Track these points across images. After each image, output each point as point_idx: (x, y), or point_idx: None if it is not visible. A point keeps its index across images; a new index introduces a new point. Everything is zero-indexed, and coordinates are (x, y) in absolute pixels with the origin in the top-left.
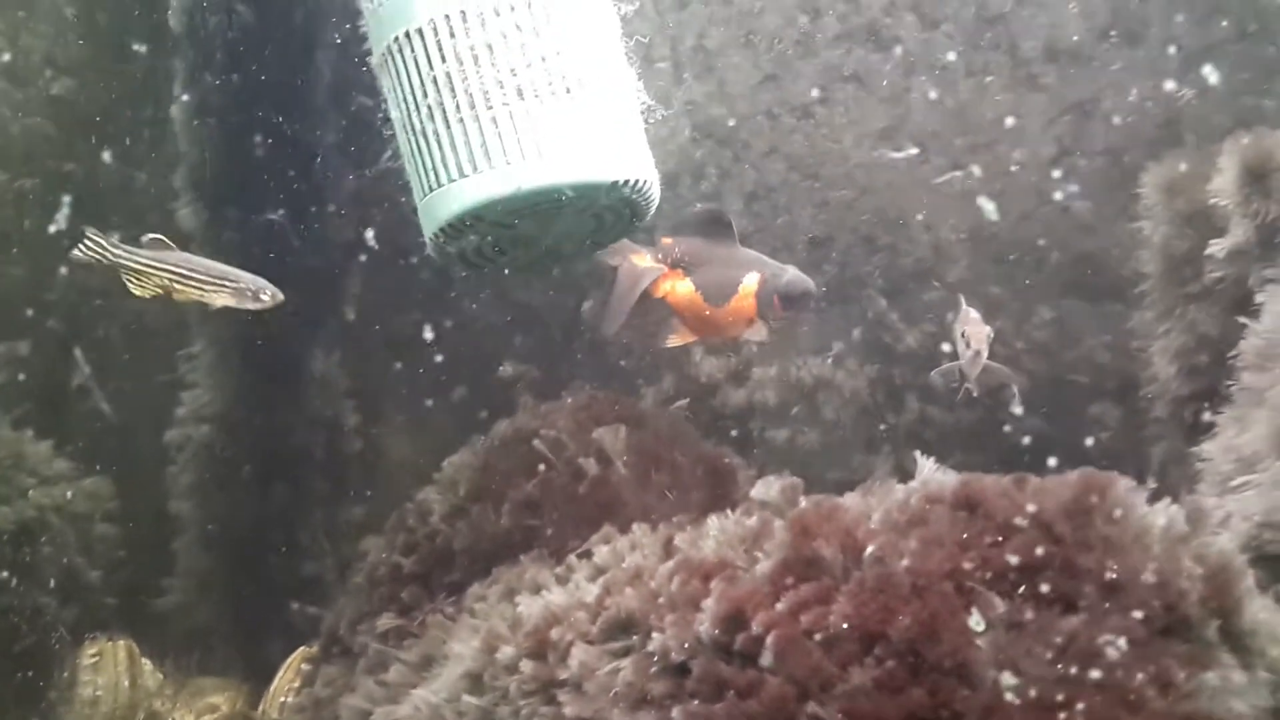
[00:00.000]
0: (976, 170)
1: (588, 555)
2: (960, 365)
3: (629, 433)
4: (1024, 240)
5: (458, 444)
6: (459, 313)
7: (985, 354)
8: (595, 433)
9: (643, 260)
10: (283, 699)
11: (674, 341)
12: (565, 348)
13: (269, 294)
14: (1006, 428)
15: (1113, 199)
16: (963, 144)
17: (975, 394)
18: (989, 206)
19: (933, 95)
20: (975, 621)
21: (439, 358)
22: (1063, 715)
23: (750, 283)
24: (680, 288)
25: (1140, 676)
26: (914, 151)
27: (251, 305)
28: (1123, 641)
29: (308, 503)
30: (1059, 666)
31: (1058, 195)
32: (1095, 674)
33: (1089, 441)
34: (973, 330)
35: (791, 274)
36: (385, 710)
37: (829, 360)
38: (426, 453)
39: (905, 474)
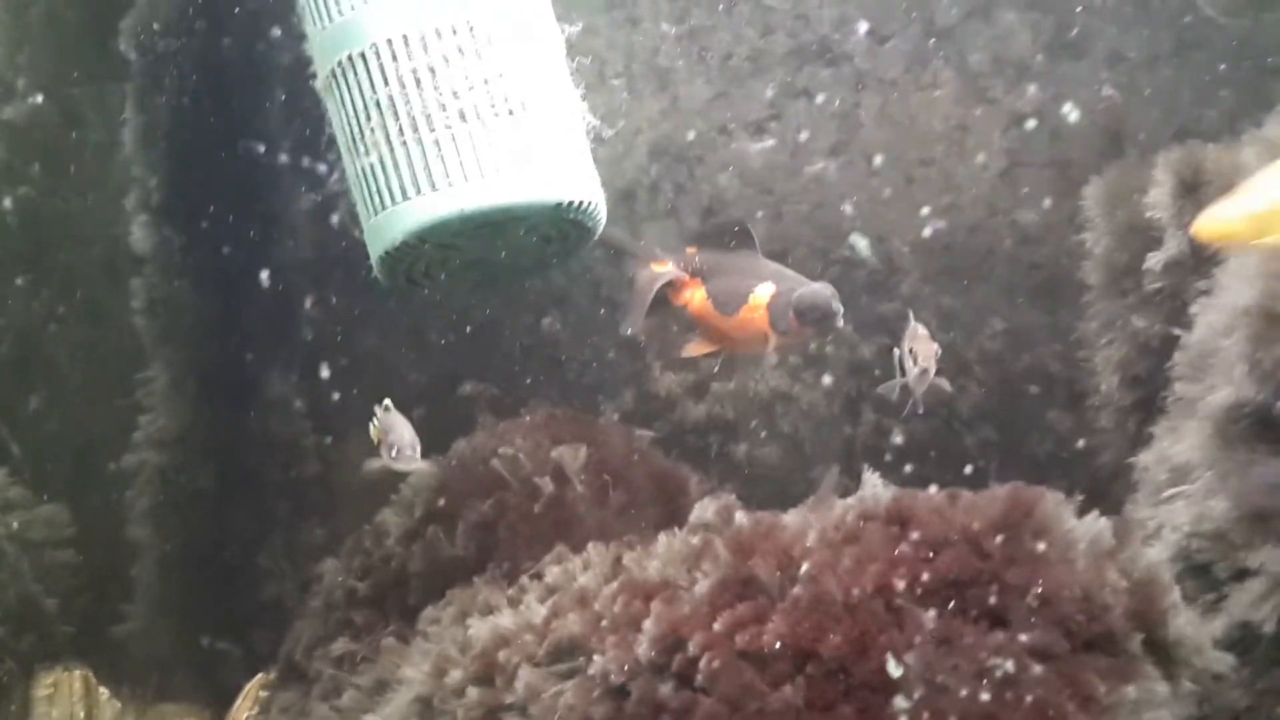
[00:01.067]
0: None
1: (540, 576)
2: (907, 382)
3: (587, 451)
4: (974, 251)
5: None
6: (417, 332)
7: (932, 372)
8: (553, 452)
9: (660, 267)
10: None
11: (691, 351)
12: (525, 365)
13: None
14: (961, 439)
15: (1060, 210)
16: (913, 157)
17: (920, 410)
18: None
19: (883, 109)
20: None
21: (397, 377)
22: None
23: (762, 294)
24: (697, 296)
25: (1062, 691)
26: (866, 164)
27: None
28: (1046, 656)
29: (267, 525)
30: (984, 682)
31: (1006, 207)
32: (1018, 689)
33: (1042, 451)
34: (921, 347)
35: (811, 287)
36: None
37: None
38: (386, 474)
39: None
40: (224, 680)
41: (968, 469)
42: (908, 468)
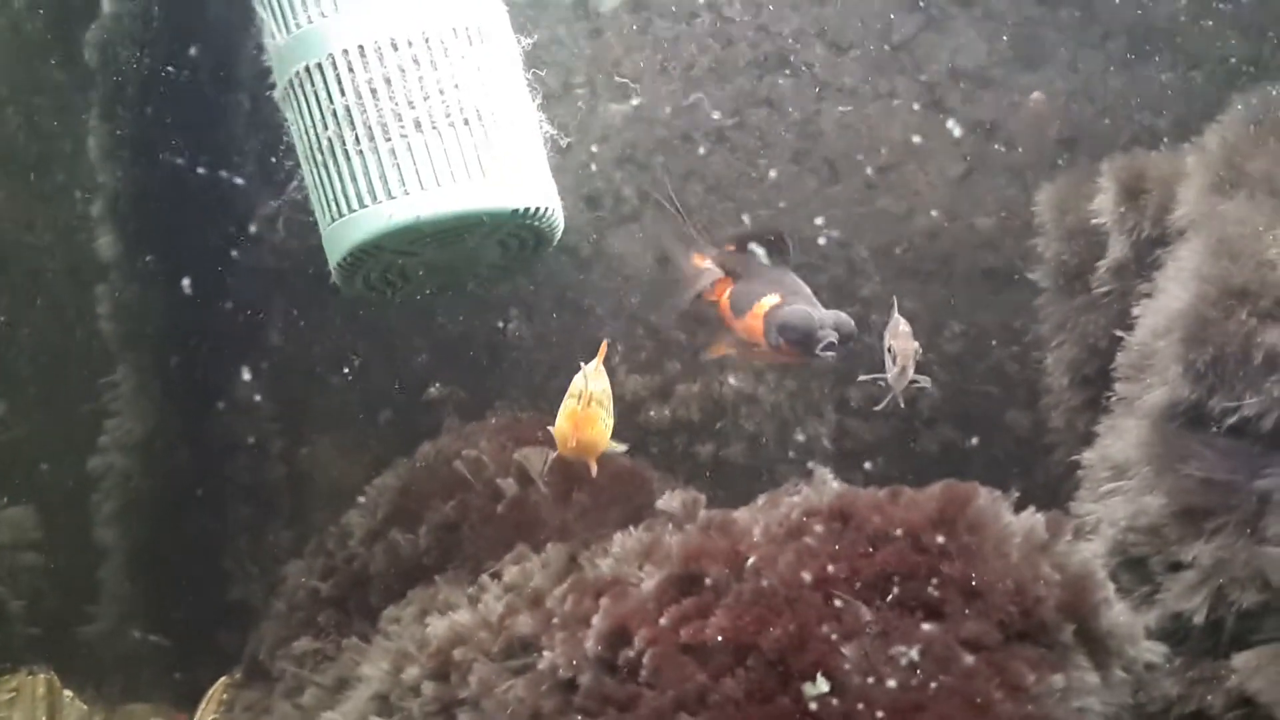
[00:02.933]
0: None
1: (499, 575)
2: (886, 378)
3: (550, 453)
4: (934, 256)
5: (385, 466)
6: (384, 335)
7: (911, 371)
8: (516, 453)
9: (702, 263)
10: None
11: (713, 351)
12: (492, 368)
13: None
14: (922, 438)
15: (1016, 216)
16: (873, 164)
17: (901, 405)
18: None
19: (842, 118)
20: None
21: (364, 381)
22: (917, 719)
23: (766, 303)
24: (726, 295)
25: (991, 680)
26: (827, 171)
27: None
28: (978, 647)
29: (234, 528)
30: (918, 672)
31: (964, 212)
32: (949, 679)
33: (1000, 450)
34: (900, 346)
35: (797, 307)
36: None
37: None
38: (354, 476)
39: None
40: (191, 680)
41: (931, 468)
42: (868, 466)
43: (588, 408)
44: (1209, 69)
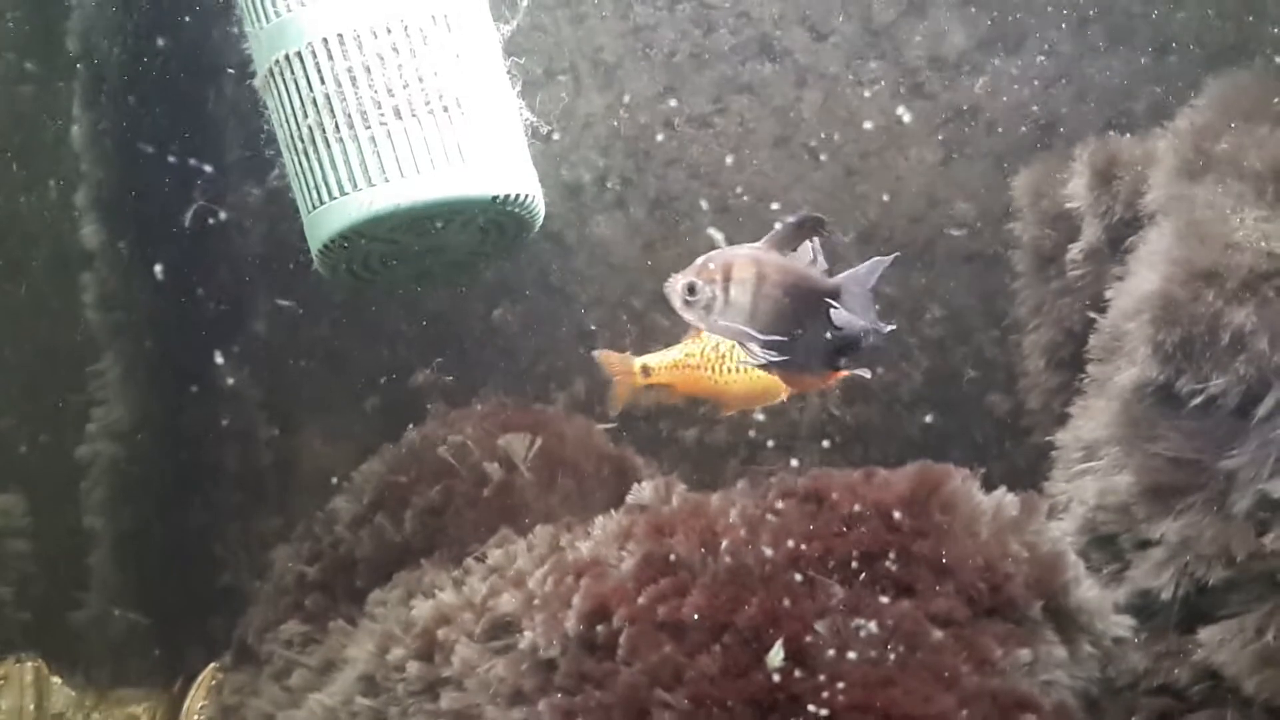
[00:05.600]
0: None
1: (484, 558)
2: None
3: (535, 438)
4: (914, 242)
5: (371, 453)
6: (370, 322)
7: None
8: (500, 440)
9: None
10: (196, 717)
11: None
12: (478, 355)
13: None
14: (903, 422)
15: (995, 201)
16: (853, 150)
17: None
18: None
19: (823, 104)
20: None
21: (350, 368)
22: (886, 692)
23: None
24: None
25: (959, 654)
26: (808, 157)
27: None
28: (948, 622)
29: (222, 514)
30: (888, 647)
31: (944, 198)
32: (919, 653)
33: (980, 433)
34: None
35: None
36: (287, 714)
37: None
38: (342, 462)
39: (802, 470)
40: (180, 665)
41: (914, 452)
42: (853, 451)
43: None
44: (1186, 53)
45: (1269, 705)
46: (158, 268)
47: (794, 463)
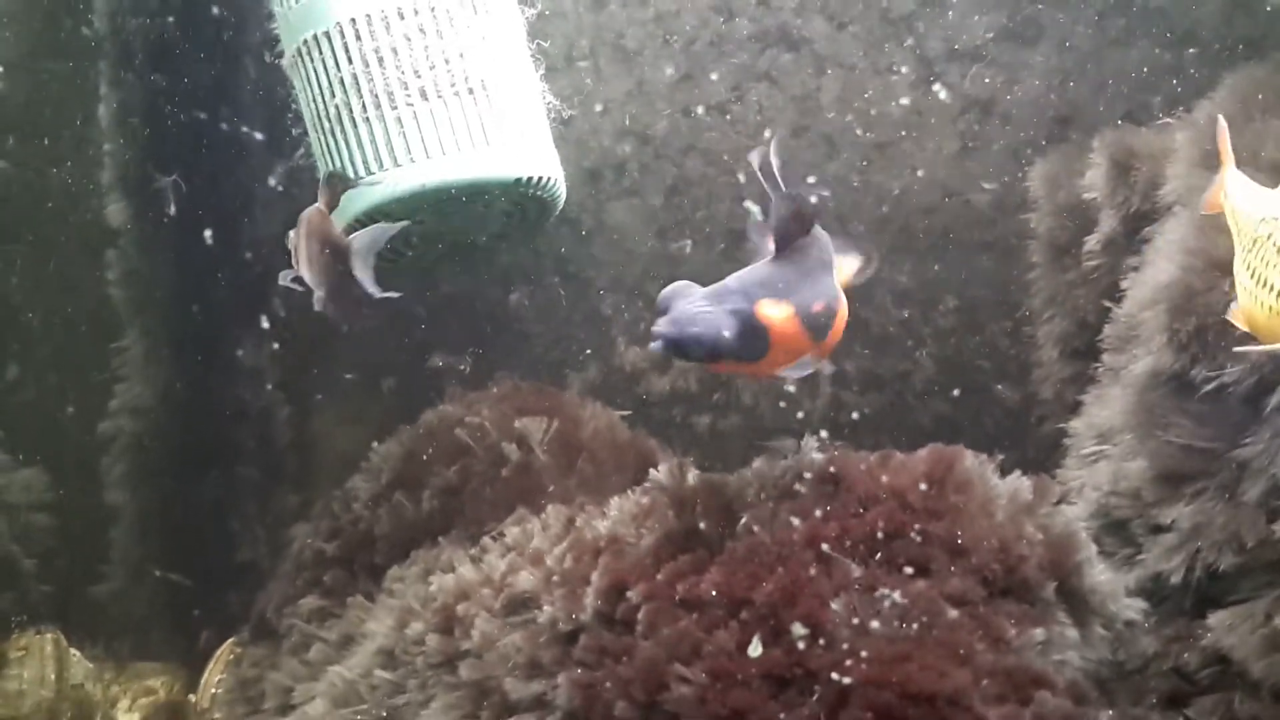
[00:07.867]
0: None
1: (501, 536)
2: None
3: (551, 422)
4: (929, 232)
5: (388, 433)
6: (388, 304)
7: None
8: (518, 422)
9: None
10: (213, 690)
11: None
12: (494, 338)
13: None
14: (916, 412)
15: (1012, 192)
16: (870, 140)
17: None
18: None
19: (841, 93)
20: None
21: (368, 349)
22: (902, 668)
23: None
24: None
25: (974, 633)
26: (826, 146)
27: None
28: (963, 602)
29: (241, 492)
30: (903, 625)
31: (960, 189)
32: (935, 631)
33: (992, 423)
34: None
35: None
36: (305, 687)
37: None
38: (358, 442)
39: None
40: (198, 640)
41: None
42: (865, 439)
43: None
44: (1205, 46)
45: (1277, 689)
46: (181, 246)
47: (811, 441)
